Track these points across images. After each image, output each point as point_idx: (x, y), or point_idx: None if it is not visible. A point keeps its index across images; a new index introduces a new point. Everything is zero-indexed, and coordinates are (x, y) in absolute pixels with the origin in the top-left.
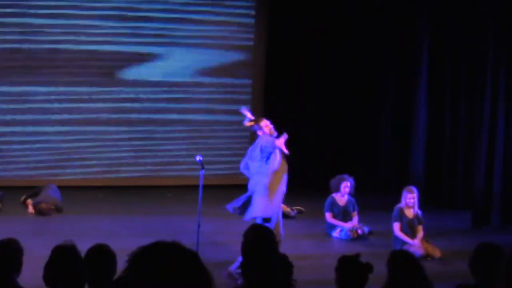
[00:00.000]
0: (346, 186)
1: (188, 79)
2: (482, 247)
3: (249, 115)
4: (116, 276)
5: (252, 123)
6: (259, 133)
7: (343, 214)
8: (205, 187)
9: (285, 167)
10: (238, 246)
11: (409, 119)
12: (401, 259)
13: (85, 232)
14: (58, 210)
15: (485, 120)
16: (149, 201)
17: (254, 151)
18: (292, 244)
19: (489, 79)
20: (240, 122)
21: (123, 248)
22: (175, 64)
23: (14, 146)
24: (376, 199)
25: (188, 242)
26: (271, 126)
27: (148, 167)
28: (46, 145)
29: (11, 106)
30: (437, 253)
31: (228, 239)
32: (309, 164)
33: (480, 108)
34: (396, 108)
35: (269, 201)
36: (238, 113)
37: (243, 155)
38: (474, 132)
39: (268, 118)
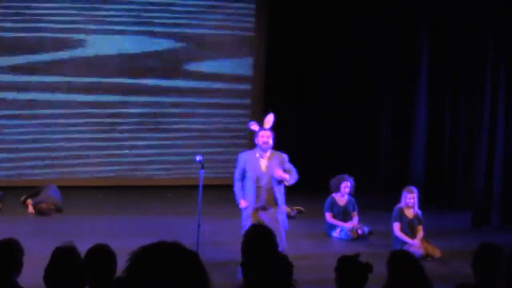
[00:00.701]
0: (346, 186)
1: (188, 82)
2: (483, 247)
3: (268, 120)
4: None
5: (255, 128)
6: (256, 140)
7: (343, 214)
8: (205, 187)
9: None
10: (238, 246)
11: (409, 119)
12: (401, 259)
13: (85, 232)
14: (58, 210)
15: (485, 120)
16: (149, 201)
17: None
18: (292, 244)
19: (489, 79)
20: (240, 123)
21: (123, 248)
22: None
23: (14, 146)
24: (376, 199)
25: (188, 242)
26: (264, 139)
27: (147, 167)
28: (46, 144)
29: (13, 109)
30: (437, 253)
31: (228, 239)
32: (309, 164)
33: (480, 108)
34: (396, 108)
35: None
36: (237, 116)
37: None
38: (474, 132)
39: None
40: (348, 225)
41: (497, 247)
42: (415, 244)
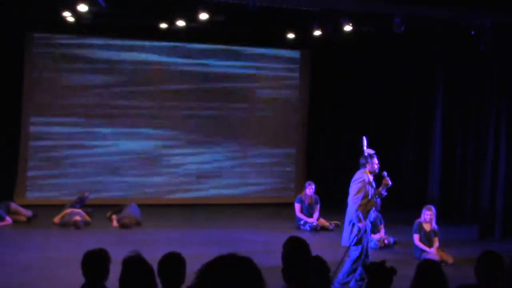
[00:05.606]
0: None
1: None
2: (485, 254)
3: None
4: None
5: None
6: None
7: (373, 227)
8: (259, 204)
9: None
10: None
11: (427, 151)
12: (429, 268)
13: (160, 242)
14: (138, 224)
15: (488, 153)
16: (213, 217)
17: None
18: (330, 251)
19: (493, 117)
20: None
21: (193, 255)
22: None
23: (103, 172)
24: (399, 215)
25: (245, 250)
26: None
27: (213, 189)
28: (127, 170)
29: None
30: (450, 259)
31: (279, 248)
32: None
33: (484, 145)
34: (416, 142)
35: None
36: (282, 152)
37: (286, 180)
38: (480, 164)
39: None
40: (376, 236)
41: (497, 254)
42: (432, 252)
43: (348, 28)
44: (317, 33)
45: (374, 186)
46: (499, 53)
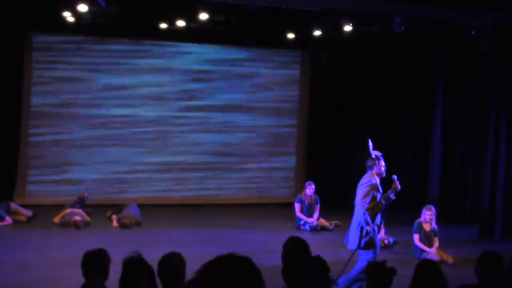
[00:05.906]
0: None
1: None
2: (485, 254)
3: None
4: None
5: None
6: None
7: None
8: (257, 205)
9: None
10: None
11: (427, 151)
12: (428, 267)
13: (160, 242)
14: (138, 224)
15: (488, 153)
16: (213, 217)
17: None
18: (330, 251)
19: (493, 117)
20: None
21: (193, 255)
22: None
23: (103, 172)
24: (399, 215)
25: (245, 250)
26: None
27: (212, 190)
28: (127, 170)
29: (97, 132)
30: (450, 259)
31: (279, 248)
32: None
33: (484, 145)
34: (416, 142)
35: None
36: (282, 153)
37: (286, 180)
38: (480, 164)
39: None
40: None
41: (497, 254)
42: (432, 252)
43: (348, 28)
44: (317, 33)
45: (381, 190)
46: (499, 53)
